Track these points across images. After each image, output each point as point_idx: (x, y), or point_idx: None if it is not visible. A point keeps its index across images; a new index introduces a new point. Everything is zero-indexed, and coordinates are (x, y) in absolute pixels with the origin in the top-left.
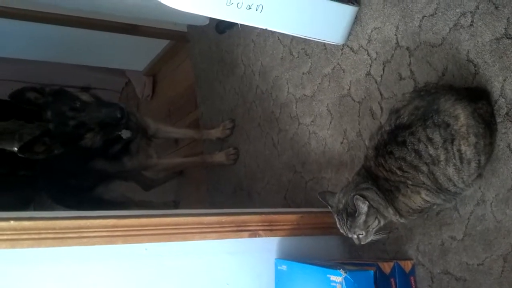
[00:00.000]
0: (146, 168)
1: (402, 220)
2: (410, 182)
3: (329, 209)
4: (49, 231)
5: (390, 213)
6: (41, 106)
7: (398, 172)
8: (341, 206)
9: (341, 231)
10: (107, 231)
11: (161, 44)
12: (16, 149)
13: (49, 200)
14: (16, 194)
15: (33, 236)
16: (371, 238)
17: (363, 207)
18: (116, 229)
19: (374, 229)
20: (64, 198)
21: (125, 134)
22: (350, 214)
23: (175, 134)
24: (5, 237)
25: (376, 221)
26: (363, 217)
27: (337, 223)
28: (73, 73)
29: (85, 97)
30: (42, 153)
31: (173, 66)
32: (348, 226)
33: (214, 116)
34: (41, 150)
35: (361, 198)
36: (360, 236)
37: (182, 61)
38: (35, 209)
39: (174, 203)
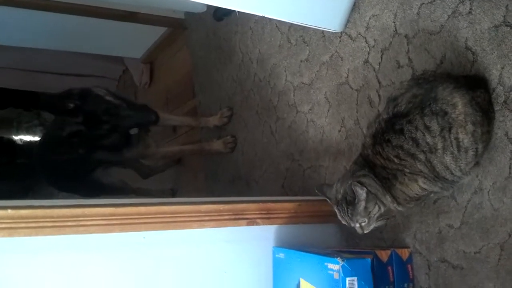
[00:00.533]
0: (144, 157)
1: (400, 208)
2: (407, 170)
3: (328, 201)
4: (47, 219)
5: (388, 200)
6: (72, 111)
7: (396, 160)
8: (339, 196)
9: (343, 222)
10: (105, 219)
11: (158, 32)
12: (14, 137)
13: (50, 187)
14: (14, 182)
15: (30, 224)
16: (373, 225)
17: (362, 193)
18: (113, 217)
19: (376, 216)
20: (61, 182)
21: (134, 130)
22: (350, 202)
23: (173, 121)
24: (2, 225)
25: (377, 207)
26: (362, 204)
27: (338, 214)
28: (71, 60)
29: (110, 98)
30: (67, 153)
31: (170, 54)
32: (349, 215)
33: (212, 104)
34: (65, 150)
35: (359, 184)
36: (363, 224)
37: (180, 48)
38: (33, 197)
39: (171, 191)
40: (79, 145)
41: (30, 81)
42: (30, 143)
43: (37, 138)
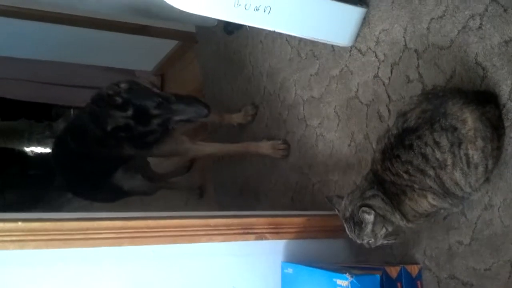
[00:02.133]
0: (176, 155)
1: (409, 225)
2: (416, 186)
3: (336, 212)
4: (57, 232)
5: (397, 218)
6: (120, 106)
7: (405, 176)
8: (347, 214)
9: (350, 236)
10: (114, 232)
11: (169, 45)
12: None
13: (61, 199)
14: (25, 193)
15: (40, 237)
16: (380, 242)
17: (369, 218)
18: (123, 230)
19: (383, 235)
20: (82, 188)
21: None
22: (357, 223)
23: None
24: (13, 238)
25: (384, 229)
26: (369, 226)
27: (346, 229)
28: (84, 72)
29: (157, 90)
30: (112, 148)
31: (181, 66)
32: (356, 234)
33: None
34: (111, 144)
35: (367, 209)
36: (370, 241)
37: (191, 61)
38: (43, 208)
39: (200, 191)
40: (126, 140)
41: (43, 93)
42: (41, 154)
43: (48, 150)
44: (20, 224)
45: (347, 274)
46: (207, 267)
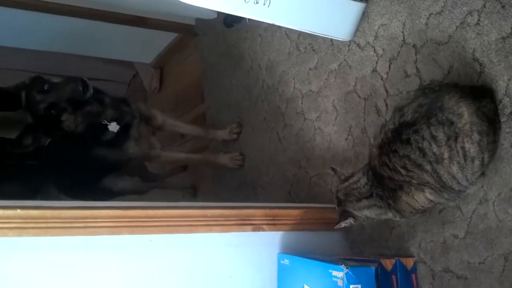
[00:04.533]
0: (148, 159)
1: (403, 219)
2: (415, 182)
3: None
4: (55, 220)
5: (389, 216)
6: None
7: (402, 172)
8: (338, 197)
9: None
10: (113, 221)
11: (169, 37)
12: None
13: (56, 191)
14: (22, 183)
15: (39, 225)
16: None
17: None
18: (121, 219)
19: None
20: (73, 190)
21: (113, 127)
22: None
23: (181, 129)
24: (12, 225)
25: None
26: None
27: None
28: (82, 64)
29: (55, 79)
30: (31, 145)
31: (180, 59)
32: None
33: (220, 110)
34: (29, 142)
35: (350, 219)
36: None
37: (190, 54)
38: (41, 199)
39: (192, 190)
40: (37, 134)
41: None
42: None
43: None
44: (19, 211)
45: (343, 265)
46: (204, 257)
